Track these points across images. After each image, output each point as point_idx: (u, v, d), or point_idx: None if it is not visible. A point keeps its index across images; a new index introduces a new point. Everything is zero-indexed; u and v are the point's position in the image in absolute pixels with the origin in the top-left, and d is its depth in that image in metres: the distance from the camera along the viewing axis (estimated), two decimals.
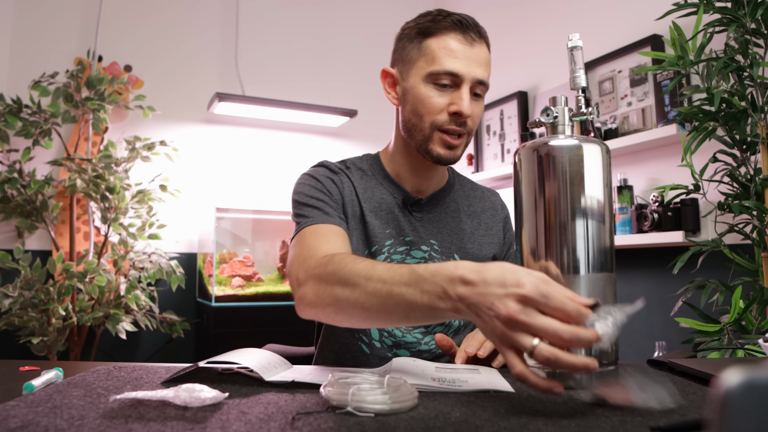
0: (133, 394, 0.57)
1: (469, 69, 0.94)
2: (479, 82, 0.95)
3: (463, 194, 1.13)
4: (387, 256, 1.01)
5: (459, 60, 0.94)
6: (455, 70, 0.93)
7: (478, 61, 0.95)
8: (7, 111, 2.31)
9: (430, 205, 1.07)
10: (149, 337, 2.69)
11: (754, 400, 0.27)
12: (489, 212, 1.13)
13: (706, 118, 1.54)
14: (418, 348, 1.03)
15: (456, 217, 1.08)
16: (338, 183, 1.04)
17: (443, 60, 0.94)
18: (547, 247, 0.71)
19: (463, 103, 0.93)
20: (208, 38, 2.98)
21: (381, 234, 1.02)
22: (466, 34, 0.95)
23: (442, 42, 0.95)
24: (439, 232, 1.06)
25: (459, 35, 0.95)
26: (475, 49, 0.95)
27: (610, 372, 0.70)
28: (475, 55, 0.95)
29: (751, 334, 1.37)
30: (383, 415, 0.54)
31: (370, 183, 1.07)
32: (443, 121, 0.95)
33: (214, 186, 2.92)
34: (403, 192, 1.06)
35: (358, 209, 1.03)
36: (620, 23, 2.31)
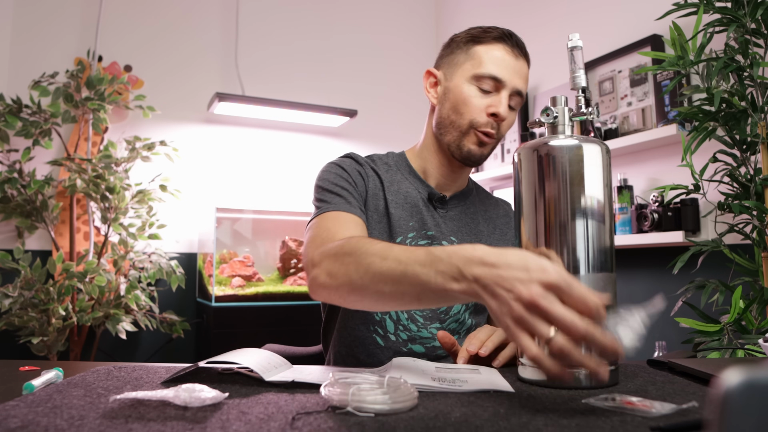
0: (133, 394, 0.57)
1: (511, 77, 1.02)
2: (517, 92, 1.03)
3: (479, 200, 1.18)
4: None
5: (503, 68, 1.02)
6: (499, 75, 1.01)
7: (520, 74, 1.03)
8: (7, 111, 2.32)
9: (453, 204, 1.12)
10: (149, 337, 2.69)
11: (754, 400, 0.27)
12: (503, 219, 1.18)
13: (706, 118, 1.54)
14: (432, 344, 1.03)
15: (475, 219, 1.13)
16: (364, 175, 1.07)
17: (489, 65, 1.02)
18: (547, 247, 0.71)
19: (502, 106, 1.01)
20: (208, 38, 2.98)
21: (405, 226, 1.05)
22: (513, 47, 1.03)
23: (490, 49, 1.03)
24: (459, 230, 1.10)
25: (506, 46, 1.03)
26: (518, 62, 1.03)
27: (610, 372, 0.70)
28: (518, 68, 1.03)
29: (751, 334, 1.37)
30: (383, 415, 0.54)
31: (395, 177, 1.11)
32: (480, 122, 1.02)
33: (214, 186, 2.92)
34: (428, 188, 1.10)
35: (383, 202, 1.06)
36: (620, 23, 2.31)
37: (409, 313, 1.04)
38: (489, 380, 0.71)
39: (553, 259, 0.67)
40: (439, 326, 1.05)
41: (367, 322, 1.04)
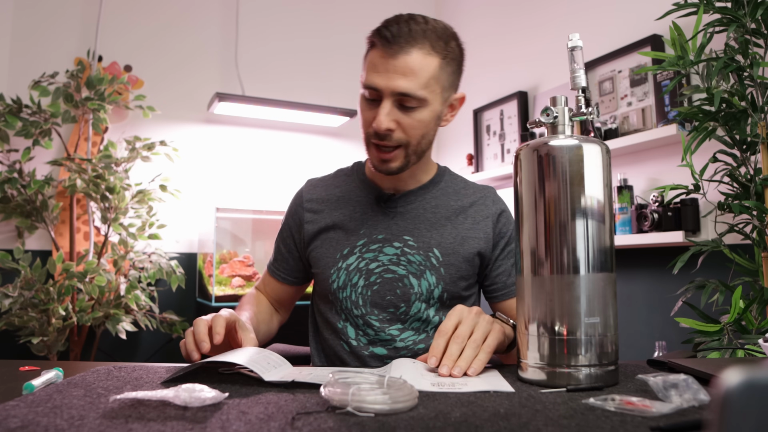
0: (133, 394, 0.57)
1: (388, 82, 0.92)
2: (400, 93, 0.92)
3: (452, 191, 1.12)
4: (359, 256, 1.06)
5: (379, 74, 0.93)
6: (373, 84, 0.94)
7: (402, 72, 0.92)
8: (7, 111, 2.32)
9: (405, 201, 1.08)
10: (149, 337, 2.69)
11: (754, 400, 0.27)
12: (478, 207, 1.10)
13: (706, 118, 1.54)
14: (394, 345, 1.04)
15: (436, 213, 1.08)
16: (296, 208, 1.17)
17: (366, 74, 0.95)
18: (547, 247, 0.71)
19: (379, 118, 0.93)
20: (208, 38, 2.98)
21: (354, 235, 1.07)
22: (390, 46, 0.92)
23: (371, 55, 0.96)
24: (416, 228, 1.06)
25: (383, 48, 0.93)
26: (398, 60, 0.91)
27: (610, 372, 0.70)
28: (400, 66, 0.91)
29: (751, 334, 1.37)
30: (383, 415, 0.54)
31: (349, 186, 1.13)
32: (371, 134, 0.97)
33: (214, 186, 2.92)
34: (376, 190, 1.10)
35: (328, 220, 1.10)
36: (620, 23, 2.31)
37: (365, 318, 1.05)
38: (489, 382, 0.71)
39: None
40: (401, 326, 1.04)
41: (335, 330, 1.08)
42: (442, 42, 0.96)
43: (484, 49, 3.10)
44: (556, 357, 0.69)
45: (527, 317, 0.72)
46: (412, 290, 1.03)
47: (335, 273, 1.06)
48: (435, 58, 0.94)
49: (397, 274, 1.04)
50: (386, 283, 1.04)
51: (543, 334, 0.70)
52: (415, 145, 0.99)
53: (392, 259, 1.04)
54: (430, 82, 0.94)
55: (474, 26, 3.19)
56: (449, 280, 1.04)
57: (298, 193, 1.19)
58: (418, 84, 0.93)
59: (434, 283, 1.03)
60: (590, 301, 0.69)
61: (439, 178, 1.13)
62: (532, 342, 0.71)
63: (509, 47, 2.92)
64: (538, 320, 0.71)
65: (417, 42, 0.92)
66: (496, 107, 2.96)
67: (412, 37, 0.92)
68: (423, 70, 0.93)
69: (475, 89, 3.12)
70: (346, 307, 1.06)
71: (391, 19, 0.96)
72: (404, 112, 0.95)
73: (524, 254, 0.74)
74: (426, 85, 0.94)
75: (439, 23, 0.98)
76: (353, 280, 1.05)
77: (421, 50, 0.93)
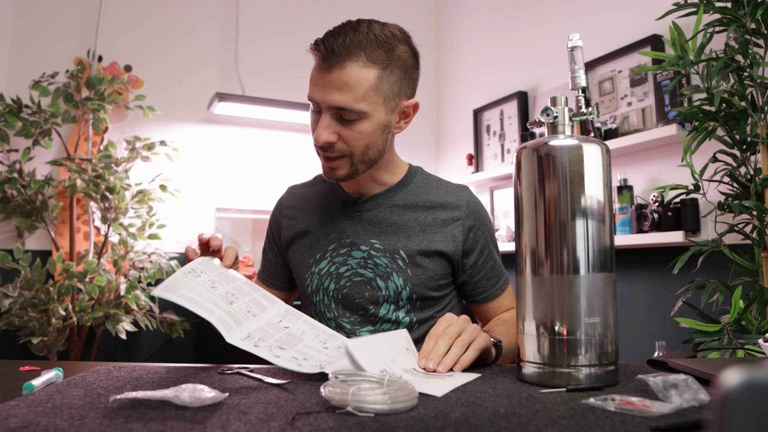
0: (133, 394, 0.57)
1: (324, 96, 0.93)
2: (336, 107, 0.92)
3: (422, 191, 1.10)
4: (329, 260, 1.08)
5: (316, 87, 0.94)
6: (312, 97, 0.95)
7: (337, 87, 0.91)
8: (7, 111, 2.31)
9: (371, 205, 1.08)
10: (149, 337, 2.69)
11: (754, 400, 0.27)
12: (449, 209, 1.08)
13: (706, 118, 1.54)
14: None
15: (403, 214, 1.07)
16: (276, 215, 1.21)
17: (310, 87, 0.96)
18: (547, 247, 0.71)
19: (318, 131, 0.94)
20: (208, 38, 2.98)
21: (325, 240, 1.09)
22: (325, 60, 0.92)
23: (313, 67, 0.96)
24: (382, 231, 1.06)
25: (320, 62, 0.94)
26: (333, 74, 0.91)
27: (610, 372, 0.70)
28: (334, 80, 0.91)
29: (751, 334, 1.37)
30: (383, 415, 0.54)
31: (324, 191, 1.15)
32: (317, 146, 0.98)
33: (214, 186, 2.92)
34: (343, 194, 1.11)
35: (302, 226, 1.14)
36: (620, 23, 2.31)
37: (337, 321, 1.06)
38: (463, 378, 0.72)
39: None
40: (372, 328, 1.05)
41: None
42: (382, 51, 0.94)
43: (484, 49, 3.09)
44: (556, 357, 0.69)
45: (527, 317, 0.72)
46: (380, 292, 1.04)
47: (309, 278, 1.09)
48: (372, 70, 0.93)
49: (365, 277, 1.05)
50: (355, 286, 1.05)
51: (543, 334, 0.70)
52: (360, 155, 0.98)
53: (360, 263, 1.05)
54: (368, 94, 0.93)
55: (474, 26, 3.19)
56: (417, 282, 1.04)
57: (279, 200, 1.23)
58: (354, 97, 0.92)
59: (401, 285, 1.03)
60: (590, 301, 0.69)
61: (408, 179, 1.11)
62: (532, 342, 0.71)
63: (509, 47, 2.92)
64: (538, 320, 0.71)
65: (352, 55, 0.92)
66: (496, 107, 2.96)
67: (347, 50, 0.91)
68: (359, 83, 0.92)
69: (475, 89, 3.12)
70: (319, 310, 1.09)
71: (333, 30, 0.96)
72: (344, 124, 0.95)
73: (524, 254, 0.74)
74: (363, 97, 0.93)
75: (387, 29, 0.97)
76: (325, 284, 1.07)
77: (356, 63, 0.92)
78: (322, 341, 0.83)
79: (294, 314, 0.89)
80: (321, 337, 0.84)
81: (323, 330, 0.87)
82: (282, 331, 0.82)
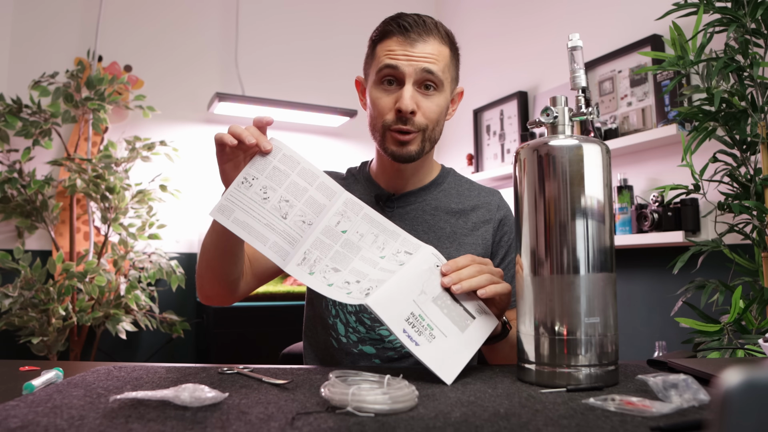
0: (133, 394, 0.57)
1: (410, 62, 0.96)
2: (426, 72, 0.96)
3: (454, 192, 1.11)
4: None
5: (398, 57, 0.97)
6: (393, 63, 0.96)
7: (422, 55, 0.96)
8: (7, 111, 2.32)
9: (404, 202, 1.08)
10: (149, 337, 2.69)
11: (754, 400, 0.27)
12: (481, 211, 1.10)
13: (706, 118, 1.54)
14: (383, 345, 1.05)
15: (435, 215, 1.07)
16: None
17: (384, 58, 0.98)
18: (547, 247, 0.71)
19: (403, 99, 0.95)
20: (208, 38, 2.98)
21: None
22: (407, 35, 0.96)
23: (385, 45, 0.99)
24: (413, 229, 1.05)
25: (400, 37, 0.97)
26: (417, 47, 0.96)
27: (610, 372, 0.70)
28: (418, 51, 0.96)
29: (751, 334, 1.37)
30: (383, 415, 0.54)
31: (355, 186, 1.13)
32: (391, 121, 0.98)
33: (214, 186, 2.92)
34: (378, 189, 1.10)
35: None
36: (620, 23, 2.31)
37: (358, 316, 1.05)
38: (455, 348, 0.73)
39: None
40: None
41: (325, 326, 1.08)
42: (448, 36, 1.02)
43: (484, 49, 3.09)
44: (556, 357, 0.69)
45: (527, 317, 0.72)
46: None
47: None
48: (447, 48, 1.00)
49: None
50: None
51: (543, 334, 0.70)
52: (431, 131, 1.01)
53: None
54: (445, 68, 0.99)
55: (474, 26, 3.19)
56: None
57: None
58: (439, 67, 0.97)
59: None
60: (590, 301, 0.69)
61: (441, 179, 1.12)
62: (532, 342, 0.71)
63: (509, 47, 2.92)
64: (538, 320, 0.71)
65: (432, 32, 0.98)
66: (496, 107, 2.96)
67: (427, 27, 0.98)
68: (441, 54, 0.98)
69: (475, 89, 3.12)
70: (340, 303, 1.07)
71: (399, 14, 1.00)
72: (424, 95, 0.98)
73: (524, 254, 0.74)
74: (443, 69, 0.98)
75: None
76: None
77: (437, 39, 0.98)
78: (380, 246, 0.81)
79: (353, 207, 0.84)
80: (380, 240, 0.82)
81: (382, 226, 0.84)
82: (339, 240, 0.80)
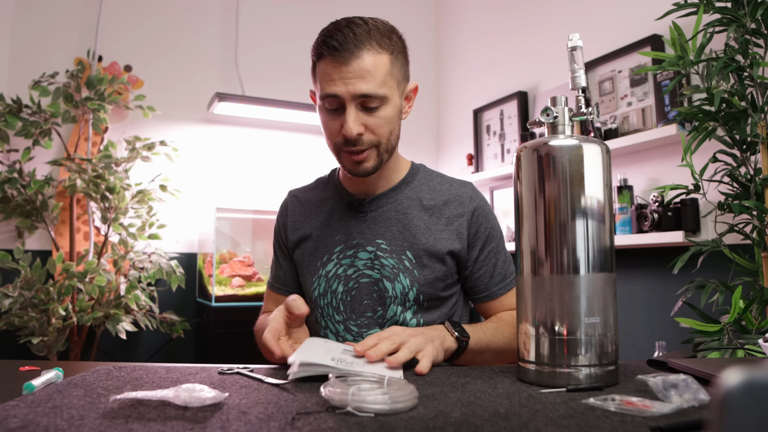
0: (133, 394, 0.57)
1: (347, 87, 0.93)
2: (363, 95, 0.94)
3: (426, 188, 1.10)
4: (336, 262, 1.07)
5: (335, 82, 0.94)
6: (332, 92, 0.94)
7: (358, 75, 0.93)
8: (7, 111, 2.31)
9: (375, 205, 1.08)
10: (149, 337, 2.69)
11: (754, 400, 0.27)
12: (453, 205, 1.08)
13: (706, 118, 1.54)
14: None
15: (408, 213, 1.07)
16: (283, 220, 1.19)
17: (323, 85, 0.96)
18: (547, 247, 0.71)
19: (347, 124, 0.95)
20: (208, 38, 2.98)
21: (331, 242, 1.09)
22: (340, 54, 0.93)
23: (322, 66, 0.97)
24: (388, 230, 1.06)
25: (332, 58, 0.94)
26: (351, 65, 0.93)
27: (610, 372, 0.70)
28: (354, 70, 0.93)
29: (751, 334, 1.37)
30: (383, 415, 0.54)
31: (325, 194, 1.15)
32: (341, 143, 0.98)
33: (214, 186, 2.92)
34: (348, 195, 1.11)
35: (306, 230, 1.13)
36: (620, 23, 2.31)
37: (345, 324, 1.06)
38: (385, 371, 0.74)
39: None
40: (379, 330, 1.03)
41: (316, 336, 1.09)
42: (386, 38, 0.97)
43: (484, 49, 3.09)
44: (556, 357, 0.69)
45: (527, 317, 0.72)
46: (387, 294, 1.03)
47: (316, 281, 1.09)
48: (384, 55, 0.96)
49: (372, 278, 1.04)
50: (362, 287, 1.05)
51: (543, 334, 0.70)
52: (385, 143, 1.00)
53: (366, 264, 1.05)
54: (386, 79, 0.96)
55: (474, 26, 3.19)
56: (424, 282, 1.03)
57: (283, 205, 1.21)
58: (376, 83, 0.94)
59: (408, 286, 1.03)
60: (590, 301, 0.69)
61: (411, 176, 1.11)
62: (532, 342, 0.71)
63: (509, 47, 2.92)
64: (538, 320, 0.71)
65: (364, 44, 0.94)
66: (496, 107, 2.96)
67: (358, 40, 0.94)
68: (377, 69, 0.95)
69: (475, 89, 3.12)
70: (327, 313, 1.08)
71: (330, 28, 0.97)
72: (368, 113, 0.96)
73: (524, 254, 0.74)
74: (383, 83, 0.96)
75: (377, 21, 1.00)
76: (333, 287, 1.07)
77: (369, 51, 0.95)
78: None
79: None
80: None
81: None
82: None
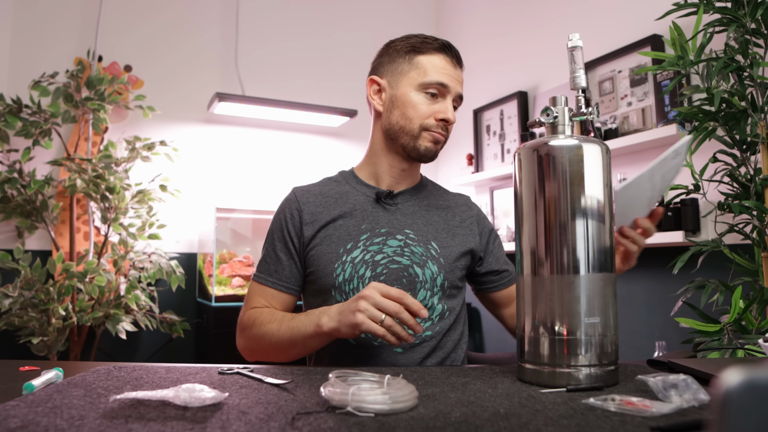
0: (133, 394, 0.57)
1: (454, 84, 1.12)
2: (459, 96, 1.15)
3: (436, 194, 1.24)
4: (363, 249, 1.10)
5: (447, 76, 1.11)
6: (445, 82, 1.11)
7: (459, 80, 1.14)
8: (7, 111, 2.31)
9: (403, 198, 1.17)
10: (149, 337, 2.69)
11: (754, 400, 0.27)
12: (462, 208, 1.23)
13: (706, 118, 1.54)
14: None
15: (429, 210, 1.18)
16: (297, 209, 1.19)
17: (434, 73, 1.11)
18: (547, 247, 0.71)
19: (450, 111, 1.11)
20: (208, 38, 2.98)
21: (356, 231, 1.12)
22: (451, 57, 1.13)
23: (432, 59, 1.12)
24: (414, 222, 1.15)
25: (446, 56, 1.12)
26: (457, 71, 1.14)
27: (610, 372, 0.70)
28: (457, 75, 1.14)
29: (751, 334, 1.37)
30: (383, 415, 0.54)
31: (344, 189, 1.19)
32: (431, 125, 1.11)
33: (214, 186, 2.92)
34: (375, 189, 1.18)
35: (327, 218, 1.14)
36: (620, 23, 2.31)
37: None
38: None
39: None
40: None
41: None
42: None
43: (484, 49, 3.09)
44: (556, 357, 0.69)
45: (527, 317, 0.72)
46: (417, 279, 1.08)
47: (339, 267, 1.09)
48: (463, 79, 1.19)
49: (401, 264, 1.09)
50: (392, 273, 1.08)
51: (543, 334, 0.70)
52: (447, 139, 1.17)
53: (396, 251, 1.10)
54: None
55: (474, 26, 3.18)
56: (449, 269, 1.11)
57: (290, 198, 1.20)
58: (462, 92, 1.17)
59: (436, 272, 1.10)
60: (590, 301, 0.69)
61: (424, 183, 1.25)
62: (532, 342, 0.71)
63: (509, 47, 2.92)
64: (538, 320, 0.71)
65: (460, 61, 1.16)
66: (496, 107, 2.96)
67: (461, 58, 1.16)
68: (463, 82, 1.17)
69: (475, 89, 3.12)
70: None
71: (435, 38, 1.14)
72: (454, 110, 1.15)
73: (524, 254, 0.74)
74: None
75: None
76: (360, 272, 1.09)
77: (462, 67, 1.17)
78: None
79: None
80: None
81: None
82: None
